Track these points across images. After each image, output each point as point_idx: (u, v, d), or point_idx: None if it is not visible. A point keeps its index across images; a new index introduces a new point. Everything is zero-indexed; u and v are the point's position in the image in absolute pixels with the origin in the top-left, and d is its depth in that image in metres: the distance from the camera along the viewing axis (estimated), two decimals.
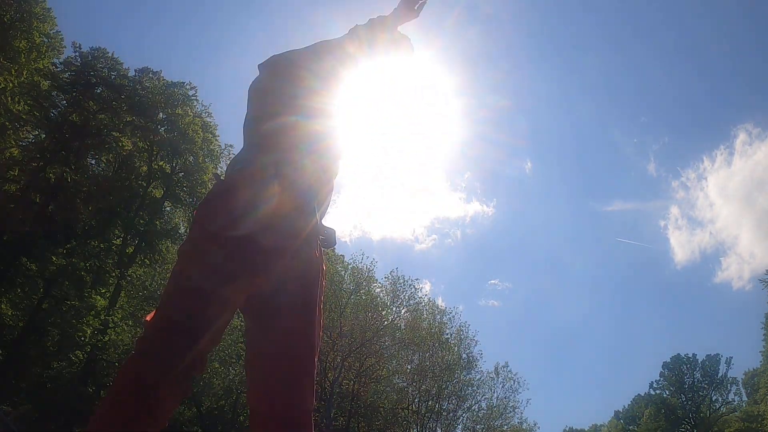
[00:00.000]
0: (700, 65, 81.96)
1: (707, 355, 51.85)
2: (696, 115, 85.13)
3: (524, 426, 25.55)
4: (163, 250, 26.10)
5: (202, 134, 27.10)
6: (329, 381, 22.70)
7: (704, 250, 74.33)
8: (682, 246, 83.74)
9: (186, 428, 25.63)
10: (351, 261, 25.82)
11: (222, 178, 1.95)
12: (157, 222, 26.66)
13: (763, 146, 65.99)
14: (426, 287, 49.60)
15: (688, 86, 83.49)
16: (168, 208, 28.23)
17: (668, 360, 53.55)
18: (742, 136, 73.47)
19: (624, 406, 61.84)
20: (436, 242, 65.20)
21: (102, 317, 22.09)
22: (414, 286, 25.77)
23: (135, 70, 26.84)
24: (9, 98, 21.98)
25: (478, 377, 25.06)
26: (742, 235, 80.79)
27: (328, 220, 2.13)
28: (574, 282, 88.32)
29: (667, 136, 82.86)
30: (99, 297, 23.05)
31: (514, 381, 24.81)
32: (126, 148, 25.57)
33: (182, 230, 28.12)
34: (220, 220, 1.71)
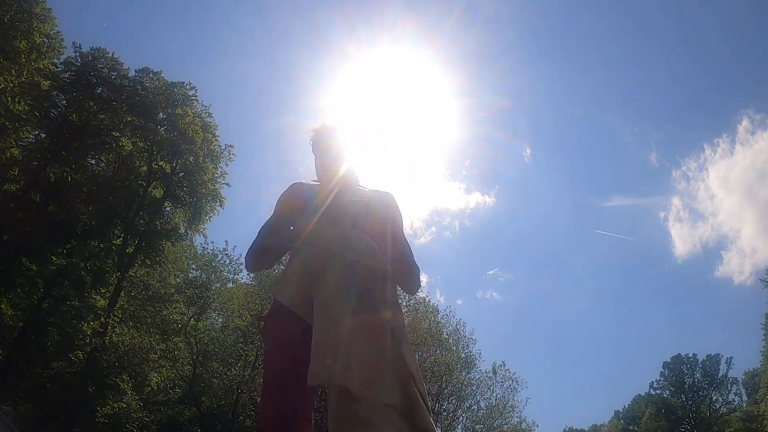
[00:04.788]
0: (702, 50, 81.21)
1: (707, 355, 51.91)
2: (697, 100, 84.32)
3: (523, 426, 25.46)
4: (164, 250, 26.09)
5: (202, 134, 27.09)
6: None
7: (706, 244, 73.95)
8: (683, 239, 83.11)
9: (186, 428, 25.64)
10: None
11: None
12: (157, 222, 26.64)
13: (765, 135, 65.48)
14: (423, 281, 49.41)
15: (689, 71, 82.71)
16: (168, 208, 28.20)
17: (668, 360, 53.62)
18: (744, 123, 72.67)
19: (624, 406, 61.84)
20: (435, 235, 64.95)
21: (102, 319, 22.10)
22: None
23: (135, 70, 26.84)
24: (9, 98, 21.98)
25: (477, 377, 25.01)
26: (744, 228, 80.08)
27: None
28: (575, 278, 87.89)
29: (670, 123, 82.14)
30: (99, 297, 23.06)
31: (512, 380, 24.73)
32: (126, 148, 25.57)
33: (182, 230, 28.13)
34: None
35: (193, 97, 27.53)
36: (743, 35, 77.28)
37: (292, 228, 2.46)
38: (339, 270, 2.23)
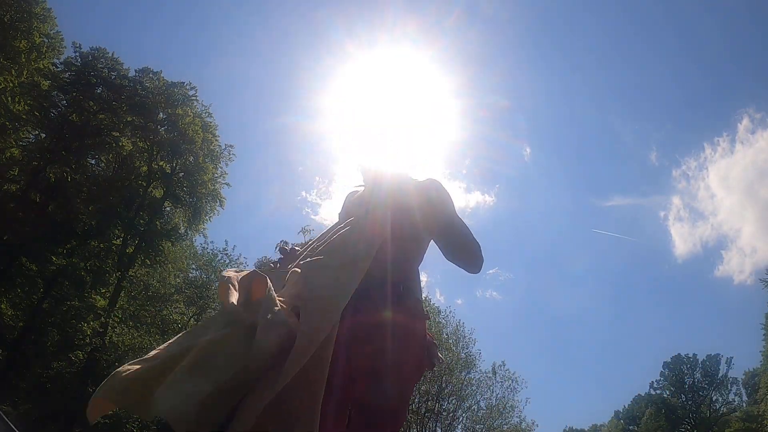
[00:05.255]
0: (701, 48, 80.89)
1: (707, 355, 51.95)
2: (697, 99, 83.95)
3: (523, 425, 25.47)
4: (164, 250, 26.10)
5: (202, 134, 27.10)
6: None
7: (706, 243, 73.78)
8: (683, 239, 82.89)
9: None
10: None
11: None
12: (157, 222, 26.65)
13: (765, 134, 65.08)
14: (423, 280, 49.39)
15: (689, 70, 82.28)
16: (168, 208, 28.22)
17: (668, 360, 53.66)
18: (744, 122, 72.27)
19: (624, 406, 61.83)
20: None
21: (103, 319, 22.10)
22: None
23: (135, 70, 26.85)
24: (9, 98, 21.98)
25: (477, 377, 25.00)
26: (744, 228, 79.98)
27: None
28: (575, 278, 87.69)
29: (670, 122, 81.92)
30: (99, 297, 23.06)
31: (512, 380, 24.74)
32: (126, 148, 25.58)
33: (182, 230, 28.14)
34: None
35: (193, 97, 27.55)
36: (743, 34, 77.22)
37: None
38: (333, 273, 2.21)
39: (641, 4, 79.32)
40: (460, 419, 24.50)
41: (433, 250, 2.52)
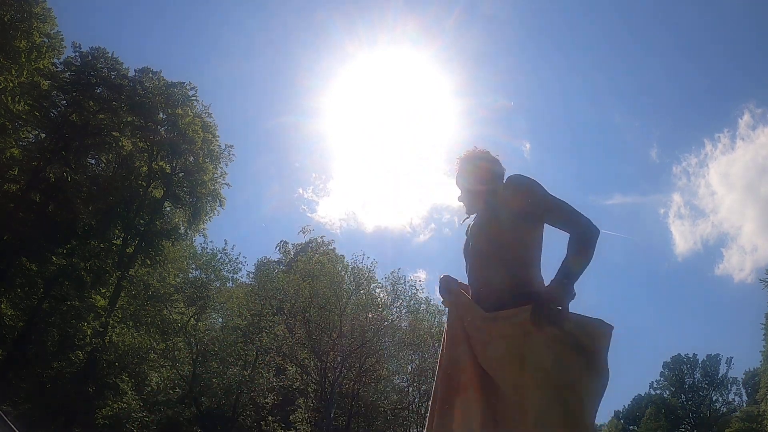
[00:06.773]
0: (702, 44, 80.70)
1: (707, 355, 51.98)
2: (698, 95, 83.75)
3: None
4: (164, 250, 26.08)
5: (202, 134, 27.11)
6: (329, 381, 22.70)
7: (706, 241, 73.61)
8: (684, 237, 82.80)
9: (186, 428, 25.63)
10: (352, 261, 25.83)
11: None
12: (157, 222, 26.65)
13: (766, 130, 64.68)
14: (422, 277, 49.52)
15: (689, 66, 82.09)
16: (168, 208, 28.22)
17: (668, 360, 53.69)
18: (745, 118, 72.10)
19: (624, 406, 61.87)
20: (435, 232, 64.52)
21: (103, 319, 22.09)
22: (415, 287, 25.81)
23: (135, 70, 26.87)
24: (9, 98, 21.97)
25: None
26: (744, 225, 79.94)
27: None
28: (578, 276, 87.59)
29: (670, 119, 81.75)
30: (99, 297, 23.05)
31: None
32: (126, 148, 25.57)
33: (182, 230, 28.12)
34: None
35: (193, 97, 27.57)
36: (743, 30, 77.19)
37: None
38: None
39: (640, 2, 79.31)
40: None
41: (428, 249, 2.56)
